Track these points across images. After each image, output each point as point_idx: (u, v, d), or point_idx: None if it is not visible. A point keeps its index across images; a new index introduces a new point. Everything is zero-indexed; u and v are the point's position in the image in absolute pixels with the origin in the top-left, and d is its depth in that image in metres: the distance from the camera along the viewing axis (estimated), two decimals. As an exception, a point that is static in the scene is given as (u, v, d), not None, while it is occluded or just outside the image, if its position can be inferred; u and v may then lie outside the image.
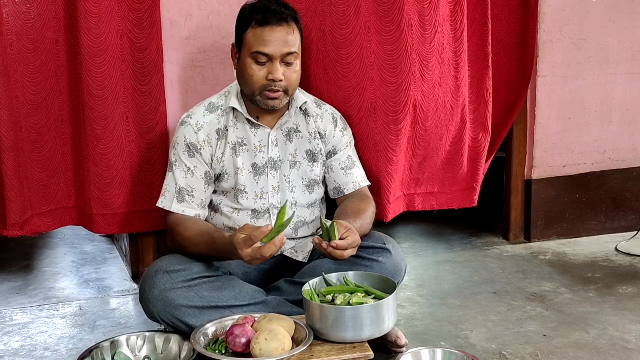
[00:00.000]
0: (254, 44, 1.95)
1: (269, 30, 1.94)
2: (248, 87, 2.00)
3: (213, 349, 1.74)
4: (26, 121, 2.24)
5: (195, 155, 2.05)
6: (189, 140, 2.05)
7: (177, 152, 2.07)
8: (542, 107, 2.95)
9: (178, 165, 2.06)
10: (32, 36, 2.19)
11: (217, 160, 2.07)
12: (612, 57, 3.00)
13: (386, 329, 1.80)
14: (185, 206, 2.05)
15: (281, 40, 1.95)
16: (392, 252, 2.03)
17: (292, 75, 2.00)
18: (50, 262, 2.97)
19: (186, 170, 2.06)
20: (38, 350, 2.10)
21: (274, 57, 1.95)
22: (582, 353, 1.97)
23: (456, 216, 3.44)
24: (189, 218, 2.04)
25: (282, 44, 1.95)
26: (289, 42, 1.96)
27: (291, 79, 2.00)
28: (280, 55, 1.96)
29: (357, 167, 2.22)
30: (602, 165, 3.09)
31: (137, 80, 2.31)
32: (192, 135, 2.05)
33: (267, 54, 1.95)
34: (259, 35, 1.95)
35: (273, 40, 1.94)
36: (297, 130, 2.13)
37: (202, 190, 2.07)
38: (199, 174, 2.06)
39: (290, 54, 1.97)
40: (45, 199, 2.33)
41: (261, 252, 1.73)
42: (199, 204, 2.07)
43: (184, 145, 2.05)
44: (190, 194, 2.05)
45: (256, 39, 1.95)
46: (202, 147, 2.05)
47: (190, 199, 2.05)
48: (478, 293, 2.46)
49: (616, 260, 2.79)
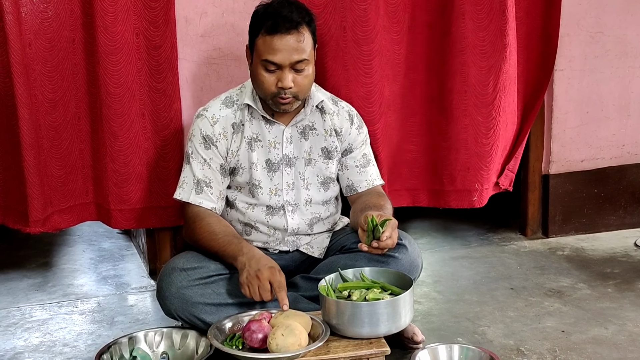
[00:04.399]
0: (263, 52, 1.94)
1: (278, 39, 1.91)
2: (260, 91, 2.00)
3: (230, 345, 1.75)
4: (45, 119, 2.26)
5: (211, 147, 2.06)
6: (205, 133, 2.06)
7: (193, 144, 2.08)
8: (560, 102, 2.92)
9: (195, 158, 2.07)
10: (49, 35, 2.21)
11: (232, 154, 2.07)
12: (630, 50, 2.96)
13: (403, 325, 1.79)
14: (203, 198, 2.05)
15: (290, 48, 1.92)
16: (409, 248, 2.03)
17: (303, 82, 1.97)
18: (69, 259, 3.00)
19: (203, 162, 2.06)
20: (57, 346, 2.12)
21: (283, 66, 1.93)
22: (600, 349, 1.96)
23: (473, 212, 3.42)
24: (210, 214, 2.05)
25: (291, 52, 1.92)
26: (299, 49, 1.93)
27: (302, 85, 1.98)
28: (289, 64, 1.93)
29: (372, 165, 2.21)
30: (621, 159, 3.06)
31: (153, 77, 2.32)
32: (208, 127, 2.06)
33: (276, 63, 1.93)
34: (268, 43, 1.92)
35: (282, 49, 1.91)
36: (313, 128, 2.12)
37: (220, 181, 2.08)
38: (215, 165, 2.07)
39: (300, 61, 1.94)
40: (65, 196, 2.35)
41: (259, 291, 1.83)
42: (218, 195, 2.07)
43: (200, 137, 2.06)
44: (209, 185, 2.06)
45: (266, 47, 1.93)
46: (217, 140, 2.06)
47: (209, 191, 2.06)
48: (495, 289, 2.45)
49: (635, 255, 2.76)
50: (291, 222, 2.10)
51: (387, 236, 1.81)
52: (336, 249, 2.13)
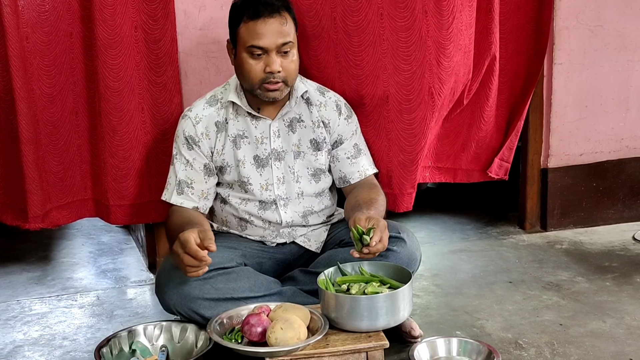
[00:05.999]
0: (248, 39, 1.94)
1: (261, 23, 1.92)
2: (247, 82, 2.00)
3: (229, 338, 1.75)
4: (42, 114, 2.25)
5: (194, 147, 2.06)
6: (187, 134, 2.06)
7: (177, 145, 2.09)
8: (559, 95, 2.92)
9: (178, 159, 2.08)
10: (46, 29, 2.21)
11: (217, 152, 2.07)
12: (629, 44, 2.96)
13: (402, 319, 1.80)
14: (184, 198, 2.07)
15: (275, 31, 1.93)
16: (407, 241, 2.03)
17: (290, 66, 1.98)
18: (68, 253, 3.01)
19: (185, 162, 2.07)
20: (57, 340, 2.12)
21: (269, 50, 1.93)
22: (599, 342, 1.96)
23: (472, 205, 3.43)
24: (178, 209, 2.05)
25: (276, 35, 1.93)
26: (283, 32, 1.94)
27: (289, 69, 1.98)
28: (275, 47, 1.93)
29: (364, 154, 2.20)
30: (620, 153, 3.06)
31: (152, 71, 2.32)
32: (190, 128, 2.06)
33: (263, 47, 1.93)
34: (252, 29, 1.93)
35: (267, 32, 1.92)
36: (301, 120, 2.11)
37: (202, 181, 2.08)
38: (198, 166, 2.07)
39: (285, 44, 1.94)
40: (63, 192, 2.35)
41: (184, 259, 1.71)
42: (200, 195, 2.08)
43: (183, 138, 2.07)
44: (190, 185, 2.07)
45: (250, 33, 1.93)
46: (200, 140, 2.06)
47: (190, 191, 2.07)
48: (494, 282, 2.46)
49: (634, 249, 2.77)
50: (284, 215, 2.10)
51: (376, 241, 1.79)
52: (335, 243, 2.13)
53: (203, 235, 1.72)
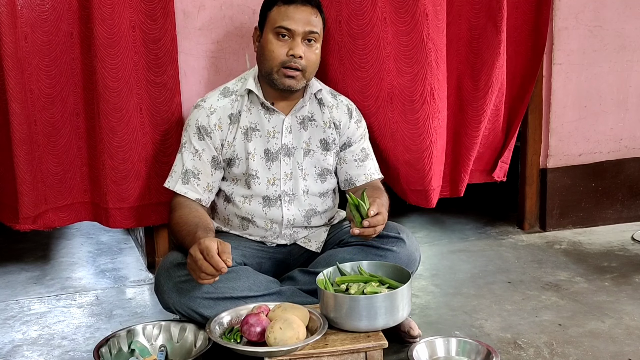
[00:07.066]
0: (277, 19, 1.99)
1: (294, 8, 1.98)
2: (268, 63, 2.01)
3: (228, 338, 1.75)
4: (41, 114, 2.25)
5: (205, 138, 2.06)
6: (200, 123, 2.06)
7: (188, 134, 2.08)
8: (558, 96, 2.93)
9: (187, 147, 2.08)
10: (46, 29, 2.20)
11: (228, 144, 2.08)
12: (629, 44, 2.96)
13: (400, 319, 1.80)
14: (188, 188, 2.06)
15: (305, 19, 1.99)
16: (407, 241, 2.03)
17: (312, 56, 2.02)
18: (67, 253, 3.00)
19: (194, 152, 2.07)
20: (56, 340, 2.12)
21: (296, 34, 1.98)
22: (597, 342, 1.96)
23: (471, 206, 3.43)
24: (183, 204, 2.04)
25: (305, 22, 1.98)
26: (312, 22, 2.00)
27: (310, 59, 2.02)
28: (302, 33, 1.98)
29: (371, 159, 2.22)
30: (619, 153, 3.06)
31: (151, 71, 2.31)
32: (204, 118, 2.06)
33: (290, 29, 1.97)
34: (284, 12, 1.98)
35: (297, 17, 1.98)
36: (312, 119, 2.13)
37: (209, 173, 2.08)
38: (206, 157, 2.07)
39: (312, 32, 2.00)
40: (61, 194, 2.34)
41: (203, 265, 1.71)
42: (205, 187, 2.08)
43: (195, 127, 2.07)
44: (196, 176, 2.07)
45: (281, 15, 1.98)
46: (212, 131, 2.06)
47: (195, 182, 2.06)
48: (493, 282, 2.46)
49: (632, 249, 2.77)
50: (287, 212, 2.10)
51: (374, 212, 1.82)
52: (334, 243, 2.13)
53: (222, 248, 1.74)
